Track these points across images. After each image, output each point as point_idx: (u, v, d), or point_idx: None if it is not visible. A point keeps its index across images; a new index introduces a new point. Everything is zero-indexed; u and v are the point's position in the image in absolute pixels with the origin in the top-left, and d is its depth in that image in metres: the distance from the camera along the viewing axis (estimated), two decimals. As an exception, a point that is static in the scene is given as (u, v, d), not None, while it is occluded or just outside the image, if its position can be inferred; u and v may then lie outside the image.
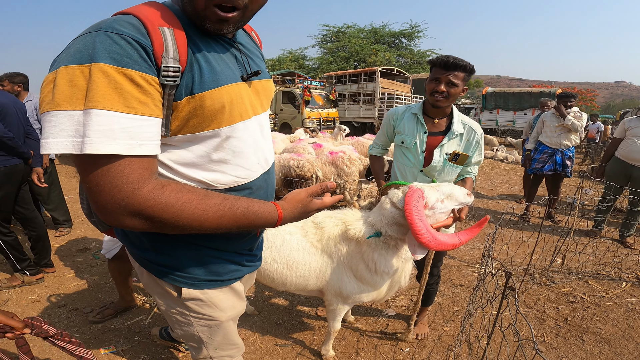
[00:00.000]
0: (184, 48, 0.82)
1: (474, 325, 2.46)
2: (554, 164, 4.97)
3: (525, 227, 4.74)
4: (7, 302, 2.83)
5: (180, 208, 0.81)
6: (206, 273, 1.12)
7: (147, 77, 0.76)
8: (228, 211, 0.87)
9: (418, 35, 30.40)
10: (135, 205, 0.77)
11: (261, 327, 2.61)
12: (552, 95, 14.16)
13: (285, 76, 16.29)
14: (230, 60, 0.97)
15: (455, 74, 1.87)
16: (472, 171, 2.16)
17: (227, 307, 1.21)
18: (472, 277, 3.47)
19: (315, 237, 1.93)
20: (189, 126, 0.87)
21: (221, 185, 0.99)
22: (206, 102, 0.86)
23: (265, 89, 1.11)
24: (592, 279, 3.47)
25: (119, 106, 0.72)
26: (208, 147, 0.93)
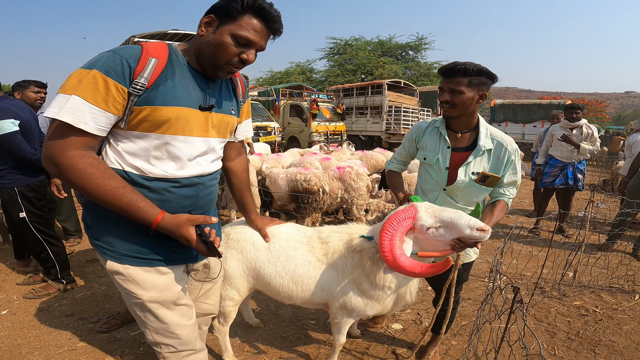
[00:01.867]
0: (156, 74, 1.18)
1: (482, 340, 2.41)
2: (566, 177, 4.89)
3: (535, 242, 4.67)
4: (16, 313, 2.85)
5: (82, 175, 1.11)
6: (128, 249, 1.33)
7: (118, 86, 1.12)
8: (116, 195, 1.14)
9: (425, 47, 30.44)
10: (58, 158, 1.10)
11: (266, 339, 2.59)
12: (562, 107, 14.03)
13: (292, 89, 16.27)
14: (195, 92, 1.29)
15: (456, 80, 1.72)
16: (505, 193, 1.89)
17: (149, 287, 1.37)
18: (480, 291, 3.41)
19: (321, 251, 1.93)
20: (142, 127, 1.20)
21: (150, 174, 1.26)
22: (157, 113, 1.19)
23: (222, 121, 1.40)
24: (605, 292, 3.40)
25: (89, 98, 1.08)
26: (150, 145, 1.23)
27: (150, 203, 1.21)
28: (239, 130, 1.66)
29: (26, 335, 2.55)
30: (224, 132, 1.45)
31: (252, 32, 1.24)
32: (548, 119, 14.15)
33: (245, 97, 1.62)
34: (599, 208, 6.47)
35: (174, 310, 1.45)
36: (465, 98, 1.73)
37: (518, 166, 1.85)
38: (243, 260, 1.99)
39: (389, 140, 13.82)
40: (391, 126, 13.82)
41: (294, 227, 2.10)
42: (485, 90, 1.75)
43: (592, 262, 3.77)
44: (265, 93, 16.35)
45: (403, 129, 13.58)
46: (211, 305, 1.82)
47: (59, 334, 2.59)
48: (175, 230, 1.23)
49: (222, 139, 1.46)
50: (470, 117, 1.85)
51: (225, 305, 2.08)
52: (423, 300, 3.20)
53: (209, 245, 1.27)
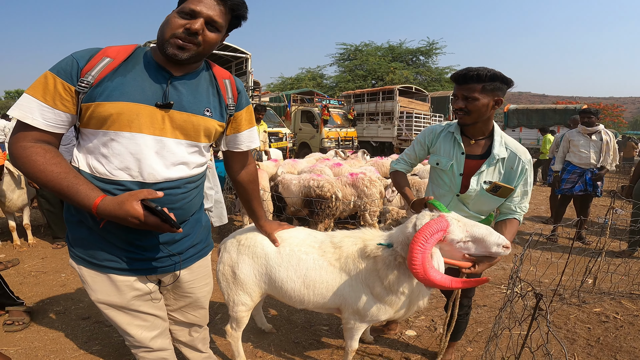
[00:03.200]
0: (105, 73, 1.21)
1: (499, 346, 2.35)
2: (584, 184, 4.79)
3: (553, 249, 4.58)
4: (34, 315, 2.89)
5: (27, 162, 1.16)
6: (83, 253, 1.38)
7: (65, 84, 1.18)
8: (57, 180, 1.15)
9: (436, 52, 30.24)
10: (11, 148, 1.19)
11: (279, 345, 2.57)
12: (578, 112, 13.75)
13: (304, 95, 16.22)
14: (152, 88, 1.26)
15: (470, 87, 1.69)
16: (517, 210, 1.85)
17: (97, 290, 1.41)
18: (497, 298, 3.34)
19: (334, 256, 1.91)
20: (91, 124, 1.23)
21: (97, 173, 1.26)
22: (100, 108, 1.20)
23: (186, 121, 1.32)
24: (626, 298, 3.32)
25: (38, 96, 1.16)
26: (99, 142, 1.25)
27: (92, 187, 1.18)
28: (239, 139, 1.58)
29: (42, 338, 2.57)
30: (194, 134, 1.35)
31: (194, 2, 1.22)
32: (564, 124, 13.88)
33: (240, 102, 1.52)
34: (618, 214, 6.31)
35: (125, 313, 1.48)
36: (479, 105, 1.69)
37: (530, 178, 1.82)
38: (254, 266, 1.98)
39: (401, 146, 13.71)
40: (403, 132, 13.70)
41: (305, 232, 2.09)
42: (500, 96, 1.72)
43: (612, 269, 3.67)
44: (277, 99, 16.40)
45: (414, 135, 13.43)
46: (197, 317, 1.79)
47: (75, 337, 2.60)
48: (118, 210, 1.14)
49: (191, 142, 1.36)
50: (486, 124, 1.82)
51: (237, 310, 2.07)
52: (437, 307, 3.14)
53: (159, 214, 1.15)
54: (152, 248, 1.41)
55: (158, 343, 1.63)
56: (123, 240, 1.36)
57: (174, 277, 1.57)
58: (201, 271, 1.67)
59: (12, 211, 4.42)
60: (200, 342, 1.95)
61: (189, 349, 1.95)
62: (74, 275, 3.63)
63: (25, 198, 4.42)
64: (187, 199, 1.43)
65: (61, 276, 3.62)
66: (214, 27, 1.28)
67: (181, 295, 1.67)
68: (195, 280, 1.65)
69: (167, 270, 1.51)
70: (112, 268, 1.39)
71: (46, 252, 4.30)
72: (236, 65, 9.01)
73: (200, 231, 1.60)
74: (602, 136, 4.74)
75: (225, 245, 2.11)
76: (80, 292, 3.28)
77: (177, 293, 1.66)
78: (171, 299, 1.68)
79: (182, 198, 1.40)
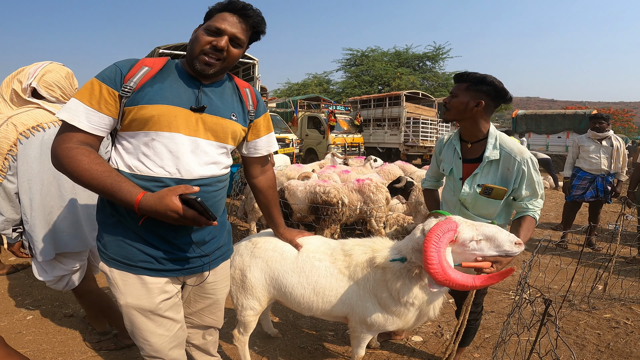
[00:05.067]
0: (145, 79, 1.33)
1: (507, 352, 2.32)
2: (596, 190, 4.74)
3: (563, 255, 4.52)
4: (42, 318, 2.92)
5: (71, 162, 1.23)
6: (117, 253, 1.42)
7: (110, 90, 1.28)
8: (101, 178, 1.22)
9: (443, 57, 29.99)
10: (56, 149, 1.27)
11: (284, 350, 2.57)
12: (587, 117, 13.61)
13: (310, 101, 16.24)
14: (186, 94, 1.38)
15: (458, 85, 1.80)
16: (528, 207, 1.81)
17: (127, 293, 1.45)
18: (505, 304, 3.31)
19: (344, 264, 1.91)
20: (133, 126, 1.33)
21: (137, 172, 1.34)
22: (143, 111, 1.30)
23: (216, 124, 1.44)
24: (636, 304, 3.27)
25: (85, 100, 1.27)
26: (140, 142, 1.34)
27: (133, 184, 1.26)
28: (259, 144, 1.70)
29: (51, 341, 2.60)
30: (223, 136, 1.47)
31: (219, 21, 1.36)
32: (573, 130, 13.70)
33: (259, 110, 1.65)
34: (629, 220, 6.22)
35: (150, 319, 1.51)
36: (457, 102, 1.77)
37: (535, 176, 1.78)
38: (267, 270, 1.99)
39: (407, 152, 13.66)
40: (409, 138, 13.63)
41: (320, 239, 2.10)
42: (482, 98, 1.74)
43: (622, 275, 3.61)
44: (283, 105, 16.42)
45: (421, 141, 13.41)
46: (214, 320, 1.84)
47: (83, 340, 2.63)
48: (159, 204, 1.21)
49: (220, 144, 1.48)
50: (474, 126, 1.83)
51: (245, 315, 2.08)
52: (444, 313, 3.12)
53: (197, 206, 1.21)
54: (185, 247, 1.49)
55: (175, 354, 1.65)
56: (159, 238, 1.42)
57: (201, 278, 1.64)
58: (223, 273, 1.76)
59: None
60: (212, 346, 1.97)
61: (201, 353, 1.97)
62: (84, 280, 3.66)
63: None
64: (217, 198, 1.53)
65: (71, 280, 3.65)
66: (237, 43, 1.41)
67: (203, 296, 1.72)
68: (217, 282, 1.73)
69: (196, 271, 1.58)
70: (146, 269, 1.44)
71: (56, 256, 4.34)
72: (243, 71, 9.04)
73: (225, 234, 1.70)
74: (612, 142, 4.70)
75: (239, 248, 2.12)
76: None
77: (199, 294, 1.71)
78: (192, 301, 1.74)
79: (213, 196, 1.50)
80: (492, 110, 1.83)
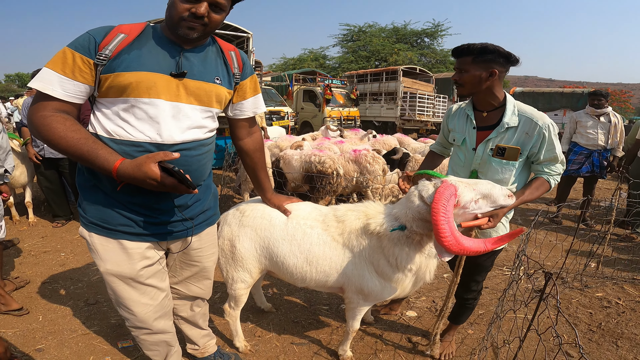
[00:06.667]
0: (121, 47, 1.29)
1: (501, 328, 2.32)
2: (592, 165, 4.75)
3: (557, 231, 4.54)
4: (31, 297, 2.88)
5: (48, 130, 1.22)
6: (96, 216, 1.41)
7: (84, 58, 1.25)
8: (77, 145, 1.22)
9: (441, 34, 29.63)
10: (31, 118, 1.25)
11: (278, 324, 2.55)
12: (585, 96, 13.50)
13: (306, 75, 16.11)
14: (166, 60, 1.35)
15: (462, 60, 1.76)
16: (544, 170, 1.79)
17: (107, 259, 1.44)
18: (499, 280, 3.31)
19: (337, 230, 1.85)
20: (110, 93, 1.30)
21: (117, 136, 1.32)
22: (120, 78, 1.28)
23: (199, 88, 1.41)
24: (628, 283, 3.27)
25: (57, 69, 1.24)
26: (119, 109, 1.32)
27: (110, 151, 1.25)
28: (245, 106, 1.66)
29: (40, 320, 2.55)
30: (207, 100, 1.45)
31: None
32: (570, 108, 13.62)
33: (245, 72, 1.61)
34: (624, 198, 6.24)
35: (132, 287, 1.50)
36: (470, 76, 1.74)
37: (555, 142, 1.75)
38: (256, 239, 1.92)
39: (404, 126, 13.67)
40: (406, 112, 13.62)
41: (310, 205, 2.03)
42: (494, 67, 1.72)
43: (616, 254, 3.63)
44: (278, 78, 16.30)
45: (418, 115, 13.47)
46: (201, 290, 1.82)
47: (73, 318, 2.58)
48: (137, 171, 1.20)
49: (205, 108, 1.46)
50: (490, 95, 1.81)
51: (236, 288, 2.02)
52: (438, 288, 3.11)
53: (176, 175, 1.21)
54: (167, 211, 1.47)
55: (161, 324, 1.65)
56: (139, 203, 1.41)
57: (184, 243, 1.62)
58: (209, 239, 1.74)
59: (14, 187, 4.47)
60: (200, 318, 1.95)
61: (189, 325, 1.95)
62: (74, 254, 3.61)
63: (28, 175, 4.44)
64: (201, 162, 1.51)
65: (61, 255, 3.60)
66: (218, 8, 1.35)
67: (189, 264, 1.71)
68: (203, 248, 1.71)
69: (179, 235, 1.56)
70: (126, 233, 1.43)
71: (46, 231, 4.28)
72: (237, 45, 8.76)
73: (209, 198, 1.67)
74: (610, 118, 4.68)
75: (226, 218, 2.05)
76: (79, 272, 3.26)
77: (184, 261, 1.70)
78: (177, 269, 1.72)
79: (197, 160, 1.48)
80: (504, 77, 1.80)
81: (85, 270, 3.29)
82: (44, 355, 2.19)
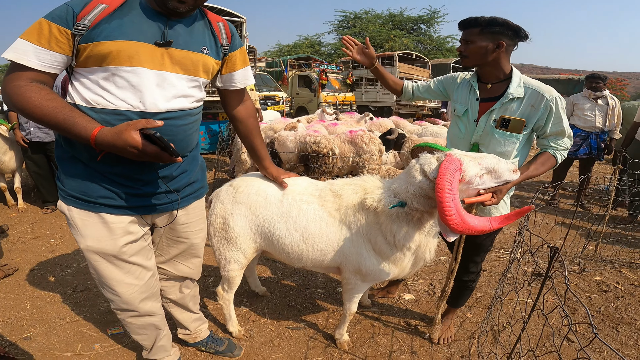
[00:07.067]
0: (101, 16, 1.23)
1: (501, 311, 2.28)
2: (589, 147, 4.75)
3: (555, 213, 4.52)
4: (20, 284, 2.79)
5: (22, 99, 1.18)
6: (75, 189, 1.36)
7: (61, 28, 1.20)
8: (53, 114, 1.17)
9: (438, 21, 29.38)
10: (6, 88, 1.20)
11: (273, 308, 2.50)
12: (581, 83, 13.49)
13: (301, 60, 16.03)
14: (150, 29, 1.29)
15: (469, 31, 1.72)
16: (551, 144, 1.74)
17: (87, 235, 1.38)
18: (497, 262, 3.28)
19: (333, 206, 1.77)
20: (89, 62, 1.26)
21: (96, 105, 1.27)
22: (99, 47, 1.23)
23: (185, 57, 1.37)
24: (626, 267, 3.24)
25: (33, 40, 1.18)
26: (98, 78, 1.27)
27: (88, 119, 1.20)
28: (235, 77, 1.64)
29: (28, 308, 2.48)
30: (193, 70, 1.41)
31: None
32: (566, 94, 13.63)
33: (234, 43, 1.58)
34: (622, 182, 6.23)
35: (115, 265, 1.45)
36: (476, 48, 1.70)
37: (563, 115, 1.70)
38: (251, 217, 1.85)
39: (400, 111, 13.65)
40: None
41: (307, 180, 1.96)
42: (502, 39, 1.67)
43: (614, 237, 3.60)
44: (273, 64, 16.29)
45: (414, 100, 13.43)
46: (190, 269, 1.77)
47: (61, 304, 2.51)
48: (117, 139, 1.14)
49: (191, 77, 1.41)
50: (495, 68, 1.76)
51: (229, 269, 1.95)
52: (436, 270, 3.07)
53: (159, 142, 1.16)
54: (151, 182, 1.42)
55: (148, 306, 1.59)
56: (121, 174, 1.36)
57: (170, 217, 1.57)
58: (197, 214, 1.68)
59: (4, 173, 4.40)
60: (190, 301, 1.89)
61: (179, 309, 1.89)
62: (63, 240, 3.53)
63: (16, 160, 4.36)
64: (187, 132, 1.46)
65: (50, 241, 3.52)
66: None
67: (176, 240, 1.66)
68: (190, 223, 1.65)
69: (164, 209, 1.51)
70: (107, 206, 1.37)
71: (36, 217, 4.19)
72: (231, 30, 8.65)
73: (196, 169, 1.62)
74: (608, 100, 4.69)
75: (219, 194, 1.96)
76: (68, 258, 3.18)
77: (171, 238, 1.65)
78: (164, 246, 1.66)
79: (182, 130, 1.43)
80: (512, 50, 1.75)
81: (74, 256, 3.21)
82: (31, 344, 2.12)
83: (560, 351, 1.18)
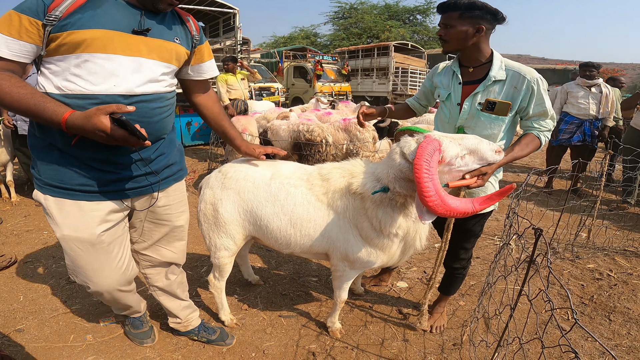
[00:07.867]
0: (73, 8, 1.25)
1: (493, 299, 2.29)
2: (583, 134, 4.78)
3: (548, 201, 4.53)
4: (13, 276, 2.78)
5: None
6: (51, 177, 1.36)
7: (31, 19, 1.21)
8: (23, 100, 1.19)
9: (434, 12, 29.15)
10: None
11: (266, 297, 2.50)
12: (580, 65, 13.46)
13: (296, 51, 16.03)
14: (125, 19, 1.33)
15: (448, 15, 1.72)
16: (534, 125, 1.74)
17: (63, 223, 1.39)
18: (490, 250, 3.29)
19: (321, 189, 1.76)
20: (61, 51, 1.27)
21: (68, 91, 1.28)
22: (73, 35, 1.25)
23: (160, 46, 1.42)
24: (619, 255, 3.26)
25: (3, 31, 1.19)
26: (69, 64, 1.28)
27: (59, 104, 1.22)
28: (204, 68, 1.71)
29: (21, 300, 2.47)
30: (168, 57, 1.46)
31: None
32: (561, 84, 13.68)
33: (202, 37, 1.66)
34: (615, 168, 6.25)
35: (91, 253, 1.46)
36: (456, 32, 1.70)
37: (545, 96, 1.70)
38: (240, 202, 1.84)
39: (396, 100, 13.66)
40: (398, 87, 13.58)
41: (295, 164, 1.95)
42: (482, 24, 1.68)
43: (607, 221, 3.61)
44: (268, 55, 16.24)
45: (410, 90, 13.46)
46: (174, 253, 1.79)
47: (54, 296, 2.50)
48: (86, 123, 1.16)
49: (165, 64, 1.46)
50: (476, 51, 1.76)
51: (220, 256, 1.95)
52: (429, 258, 3.08)
53: (126, 126, 1.18)
54: (128, 165, 1.44)
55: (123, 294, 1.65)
56: (97, 158, 1.36)
57: (151, 200, 1.59)
58: (177, 196, 1.71)
59: None
60: (178, 288, 1.90)
61: (168, 296, 1.89)
62: (56, 232, 3.51)
63: (8, 153, 4.31)
64: (163, 114, 1.49)
65: (43, 234, 3.50)
66: None
67: (157, 223, 1.68)
68: (171, 205, 1.68)
69: (143, 192, 1.53)
70: (84, 192, 1.38)
71: (29, 209, 4.16)
72: (224, 22, 8.48)
73: (174, 152, 1.66)
74: (601, 88, 4.71)
75: (208, 181, 1.95)
76: (61, 250, 3.07)
77: (152, 221, 1.67)
78: (146, 231, 1.68)
79: (159, 113, 1.46)
80: (490, 33, 1.75)
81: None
82: (24, 336, 2.11)
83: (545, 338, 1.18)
